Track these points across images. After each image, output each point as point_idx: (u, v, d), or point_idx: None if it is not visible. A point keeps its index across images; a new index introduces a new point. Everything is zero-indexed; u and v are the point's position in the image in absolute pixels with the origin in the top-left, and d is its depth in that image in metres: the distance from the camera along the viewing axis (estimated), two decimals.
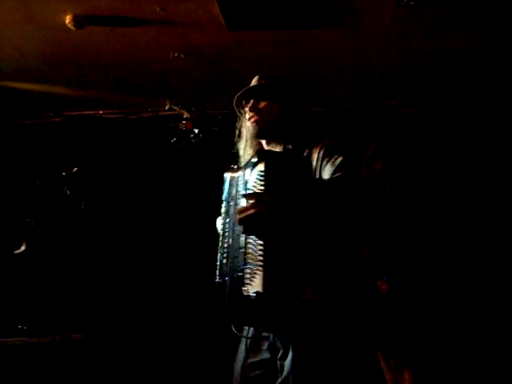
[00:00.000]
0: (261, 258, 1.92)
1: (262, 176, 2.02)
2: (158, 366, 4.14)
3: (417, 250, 1.39)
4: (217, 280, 2.17)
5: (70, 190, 2.39)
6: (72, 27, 3.39)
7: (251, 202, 1.97)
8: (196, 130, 2.30)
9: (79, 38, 3.58)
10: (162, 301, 4.30)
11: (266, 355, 2.15)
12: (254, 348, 2.19)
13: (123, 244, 4.46)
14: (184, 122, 2.36)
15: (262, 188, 2.00)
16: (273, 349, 2.13)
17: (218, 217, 2.40)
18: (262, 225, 1.95)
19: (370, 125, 4.28)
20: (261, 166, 2.04)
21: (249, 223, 1.95)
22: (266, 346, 2.16)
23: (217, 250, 2.24)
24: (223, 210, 2.27)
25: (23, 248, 3.99)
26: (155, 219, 4.47)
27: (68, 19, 3.36)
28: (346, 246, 1.90)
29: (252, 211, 1.93)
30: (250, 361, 2.18)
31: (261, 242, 1.96)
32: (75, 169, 2.40)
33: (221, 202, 2.31)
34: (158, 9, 3.28)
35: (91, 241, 4.30)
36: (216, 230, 2.41)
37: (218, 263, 2.19)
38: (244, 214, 1.95)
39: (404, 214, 1.40)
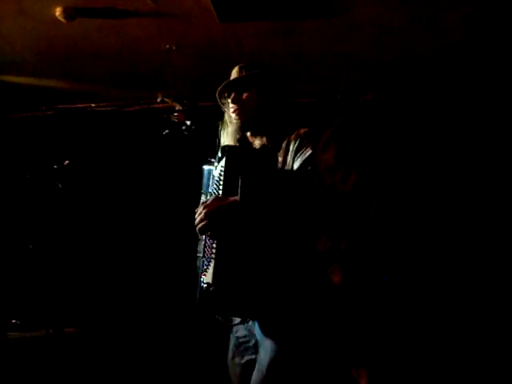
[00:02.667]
0: (214, 250, 2.10)
1: (222, 172, 2.12)
2: (152, 360, 4.14)
3: (371, 241, 1.35)
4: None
5: (62, 183, 2.39)
6: (62, 19, 3.36)
7: (203, 203, 2.14)
8: (188, 122, 2.31)
9: (70, 30, 3.55)
10: (155, 294, 4.29)
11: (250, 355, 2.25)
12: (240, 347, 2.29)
13: (116, 237, 4.44)
14: (176, 114, 2.36)
15: (221, 183, 2.12)
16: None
17: None
18: (210, 226, 2.12)
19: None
20: (222, 162, 2.13)
21: (199, 225, 2.15)
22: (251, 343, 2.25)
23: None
24: (201, 202, 2.31)
25: None
26: (148, 212, 4.46)
27: (58, 11, 3.32)
28: (299, 238, 1.94)
29: (202, 214, 2.12)
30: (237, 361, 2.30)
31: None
32: (67, 162, 2.40)
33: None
34: (148, 0, 3.26)
35: (84, 235, 4.28)
36: None
37: (198, 254, 2.31)
38: (197, 218, 2.16)
39: (354, 202, 1.36)
